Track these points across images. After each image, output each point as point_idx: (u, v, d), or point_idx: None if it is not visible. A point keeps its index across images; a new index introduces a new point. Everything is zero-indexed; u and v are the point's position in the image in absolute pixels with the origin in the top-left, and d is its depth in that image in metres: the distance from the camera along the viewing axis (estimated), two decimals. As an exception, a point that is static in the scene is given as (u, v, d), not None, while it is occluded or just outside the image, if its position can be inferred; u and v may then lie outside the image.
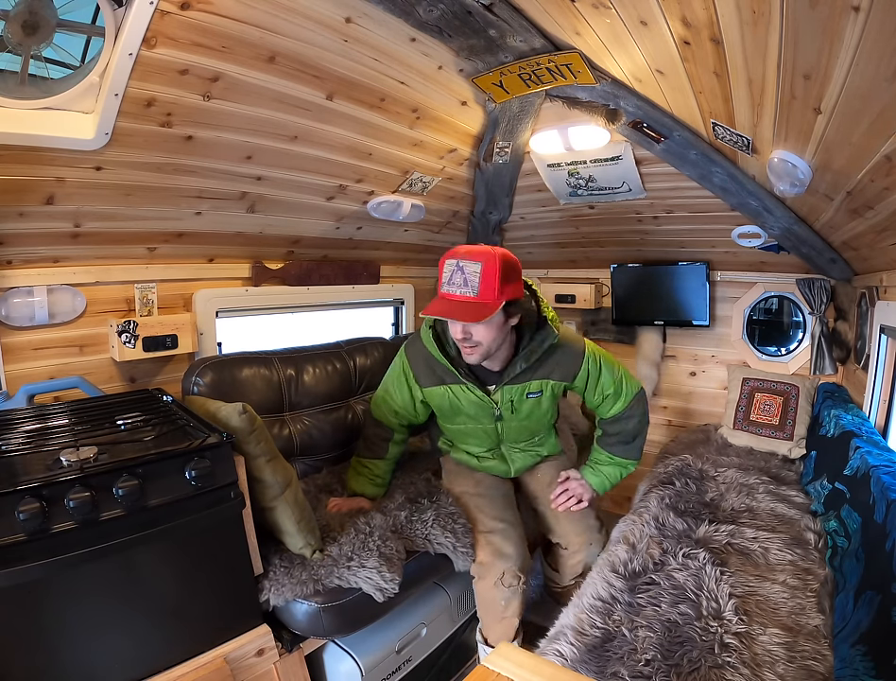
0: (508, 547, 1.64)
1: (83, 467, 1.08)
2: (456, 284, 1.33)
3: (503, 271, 1.33)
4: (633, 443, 1.77)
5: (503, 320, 1.43)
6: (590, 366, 1.68)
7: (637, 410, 1.74)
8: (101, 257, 1.77)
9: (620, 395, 1.72)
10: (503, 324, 1.44)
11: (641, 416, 1.76)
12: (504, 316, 1.42)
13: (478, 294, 1.32)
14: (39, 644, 1.04)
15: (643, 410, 1.76)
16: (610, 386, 1.71)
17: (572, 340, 1.69)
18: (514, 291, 1.39)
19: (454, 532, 1.61)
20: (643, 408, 1.76)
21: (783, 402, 2.44)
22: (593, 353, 1.69)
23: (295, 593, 1.33)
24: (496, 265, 1.32)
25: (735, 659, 1.07)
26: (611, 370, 1.71)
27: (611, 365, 1.72)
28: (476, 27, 1.51)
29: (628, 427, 1.75)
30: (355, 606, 1.38)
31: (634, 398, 1.73)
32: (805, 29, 0.94)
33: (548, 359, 1.62)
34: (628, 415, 1.74)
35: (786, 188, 1.66)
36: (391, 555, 1.45)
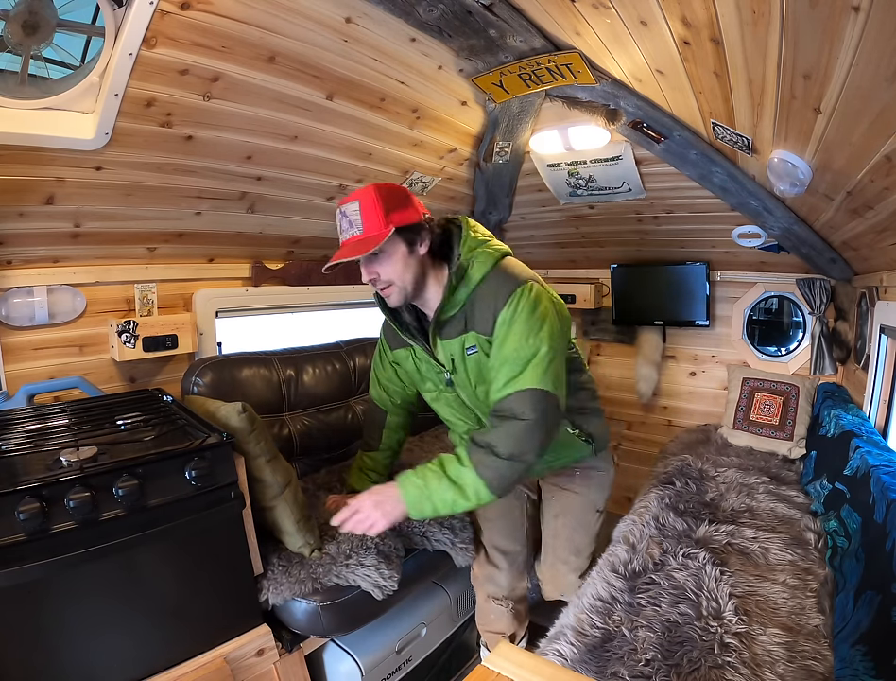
0: (501, 578, 1.65)
1: (83, 467, 1.08)
2: (344, 229, 1.27)
3: (383, 200, 1.23)
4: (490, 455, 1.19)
5: (406, 251, 1.26)
6: (510, 309, 1.24)
7: (523, 410, 1.20)
8: (101, 257, 1.77)
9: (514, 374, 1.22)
10: (408, 255, 1.27)
11: (528, 425, 1.19)
12: (405, 246, 1.26)
13: (363, 230, 1.23)
14: (39, 644, 1.04)
15: (535, 418, 1.19)
16: (514, 350, 1.22)
17: (509, 274, 1.30)
18: (405, 217, 1.24)
19: (451, 528, 1.62)
20: (535, 414, 1.19)
21: (783, 402, 2.44)
22: (527, 291, 1.25)
23: (294, 592, 1.33)
24: (374, 195, 1.23)
25: (735, 659, 1.07)
26: (531, 327, 1.22)
27: (538, 323, 1.23)
28: (476, 27, 1.51)
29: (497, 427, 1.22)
30: (354, 604, 1.38)
31: (527, 392, 1.20)
32: (805, 29, 0.94)
33: (478, 303, 1.30)
34: (503, 409, 1.23)
35: (786, 188, 1.66)
36: (390, 553, 1.45)
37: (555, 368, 1.24)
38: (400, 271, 1.27)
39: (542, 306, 1.26)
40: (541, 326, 1.24)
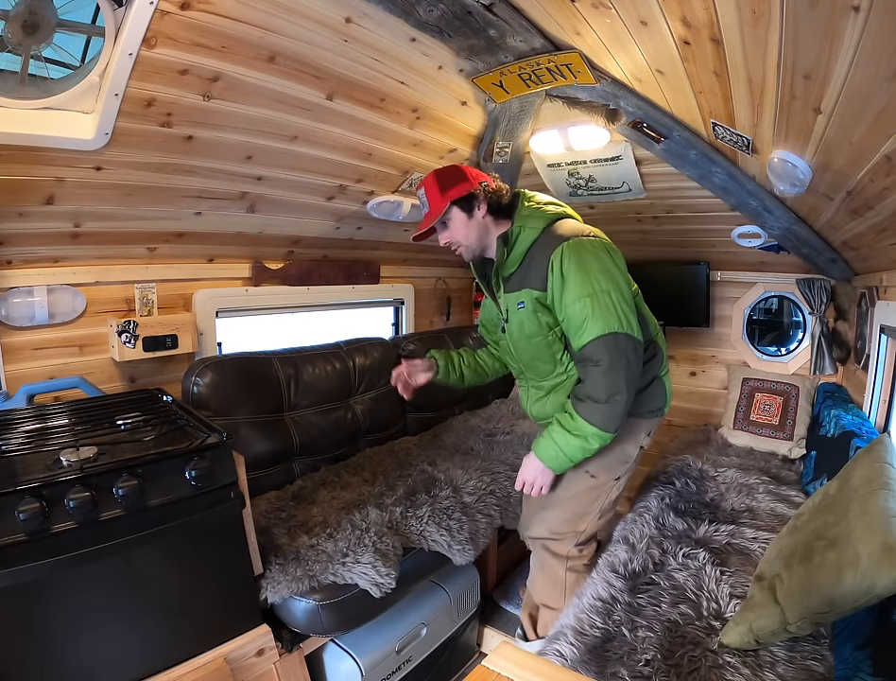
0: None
1: (83, 467, 1.08)
2: (422, 208, 1.53)
3: (439, 181, 1.49)
4: (591, 403, 1.37)
5: (465, 216, 1.49)
6: (555, 268, 1.41)
7: (599, 356, 1.36)
8: (101, 257, 1.76)
9: (580, 326, 1.38)
10: (468, 220, 1.50)
11: (607, 368, 1.35)
12: (464, 213, 1.49)
13: (430, 207, 1.50)
14: (39, 644, 1.04)
15: (609, 360, 1.34)
16: (571, 303, 1.39)
17: (556, 234, 1.46)
18: (459, 191, 1.47)
19: (448, 529, 1.62)
20: (610, 356, 1.35)
21: (783, 402, 2.44)
22: (568, 248, 1.40)
23: (291, 590, 1.33)
24: (432, 179, 1.50)
25: (736, 660, 1.08)
26: (582, 279, 1.37)
27: (586, 273, 1.37)
28: (476, 27, 1.51)
29: (586, 377, 1.41)
30: (353, 603, 1.38)
31: (598, 340, 1.35)
32: (805, 29, 0.94)
33: (533, 263, 1.48)
34: (584, 358, 1.40)
35: (786, 188, 1.66)
36: (387, 551, 1.45)
37: (616, 306, 1.37)
38: (464, 233, 1.51)
39: (589, 255, 1.40)
40: (588, 274, 1.38)
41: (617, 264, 1.45)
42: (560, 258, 1.41)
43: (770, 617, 1.05)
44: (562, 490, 1.60)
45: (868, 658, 0.91)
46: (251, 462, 1.44)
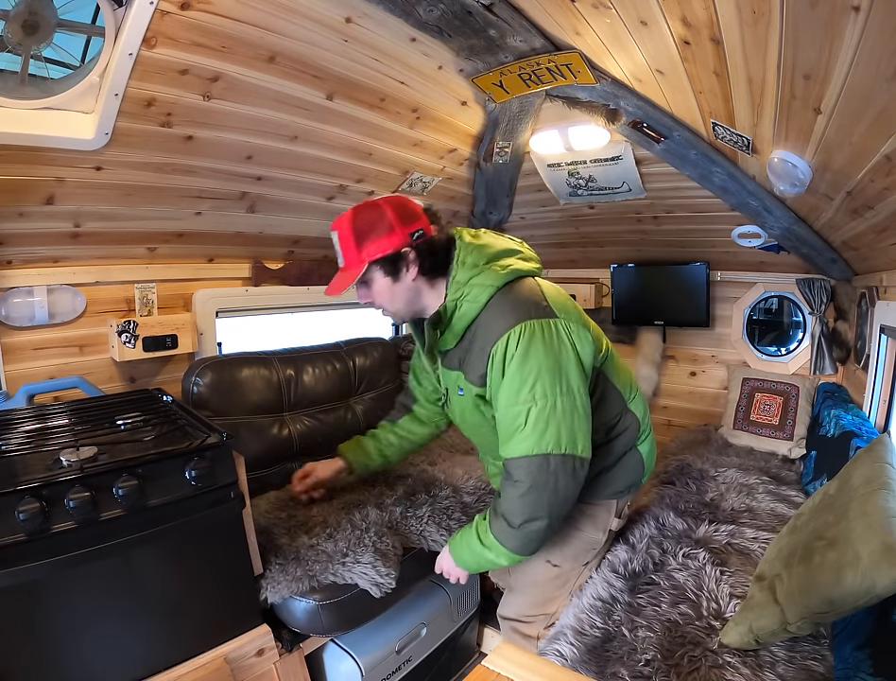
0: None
1: (83, 467, 1.08)
2: (337, 257, 1.21)
3: (356, 232, 1.15)
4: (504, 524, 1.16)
5: (390, 280, 1.18)
6: (495, 363, 1.14)
7: (520, 476, 1.14)
8: (101, 257, 1.76)
9: (509, 436, 1.15)
10: (392, 284, 1.18)
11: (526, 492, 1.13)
12: (388, 276, 1.18)
13: (345, 263, 1.19)
14: (39, 644, 1.04)
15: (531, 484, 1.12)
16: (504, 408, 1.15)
17: (505, 309, 1.16)
18: (380, 247, 1.14)
19: (448, 529, 1.61)
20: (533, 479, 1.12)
21: (783, 402, 2.44)
22: (514, 337, 1.11)
23: (291, 590, 1.33)
24: (347, 227, 1.16)
25: (736, 659, 1.07)
26: (520, 383, 1.11)
27: (528, 375, 1.10)
28: (476, 27, 1.51)
29: (504, 493, 1.18)
30: (353, 603, 1.38)
31: (523, 459, 1.13)
32: (805, 29, 0.94)
33: (476, 341, 1.20)
34: (506, 471, 1.18)
35: (786, 188, 1.66)
36: (387, 551, 1.45)
37: (559, 420, 1.11)
38: (388, 300, 1.22)
39: (538, 349, 1.11)
40: (531, 376, 1.10)
41: (578, 352, 1.16)
42: (504, 352, 1.12)
43: (770, 617, 1.05)
44: (524, 575, 1.44)
45: (868, 658, 0.91)
46: (251, 462, 1.44)
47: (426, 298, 1.24)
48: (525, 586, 1.46)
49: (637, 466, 1.40)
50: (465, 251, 1.21)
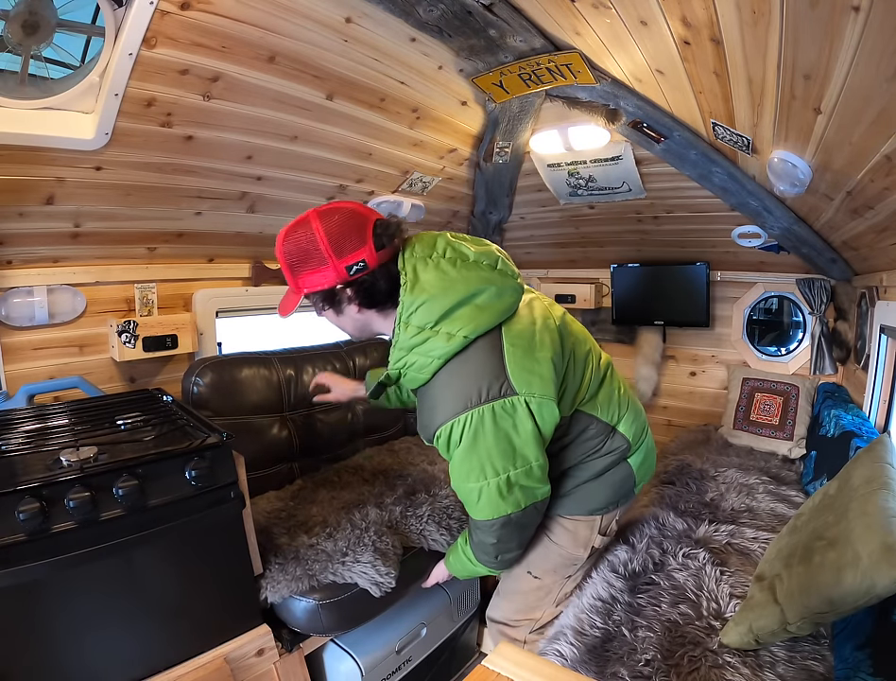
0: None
1: (83, 467, 1.08)
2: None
3: (287, 259, 1.03)
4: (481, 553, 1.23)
5: (332, 311, 1.10)
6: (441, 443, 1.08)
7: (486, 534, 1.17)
8: (101, 257, 1.76)
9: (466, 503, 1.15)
10: (336, 316, 1.11)
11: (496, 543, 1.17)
12: (329, 307, 1.09)
13: (289, 283, 1.09)
14: (39, 644, 1.04)
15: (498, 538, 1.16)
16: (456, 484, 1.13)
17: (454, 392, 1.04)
18: (314, 282, 1.03)
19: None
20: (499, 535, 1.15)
21: (783, 402, 2.44)
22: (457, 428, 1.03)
23: (291, 589, 1.33)
24: (280, 252, 1.04)
25: (736, 659, 1.07)
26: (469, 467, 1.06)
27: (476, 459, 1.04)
28: (476, 27, 1.51)
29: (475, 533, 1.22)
30: (353, 602, 1.38)
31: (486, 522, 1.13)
32: (805, 29, 0.94)
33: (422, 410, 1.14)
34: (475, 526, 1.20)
35: (786, 188, 1.66)
36: (387, 550, 1.45)
37: (515, 491, 1.08)
38: (337, 325, 1.15)
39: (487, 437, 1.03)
40: (482, 463, 1.04)
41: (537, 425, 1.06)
42: (448, 439, 1.05)
43: (770, 617, 1.05)
44: (507, 583, 1.46)
45: (868, 658, 0.91)
46: (251, 461, 1.44)
47: (377, 325, 1.14)
48: (508, 593, 1.46)
49: (625, 480, 1.32)
50: (407, 308, 1.04)
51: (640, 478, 1.35)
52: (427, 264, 1.06)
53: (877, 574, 0.84)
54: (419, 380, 1.08)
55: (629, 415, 1.32)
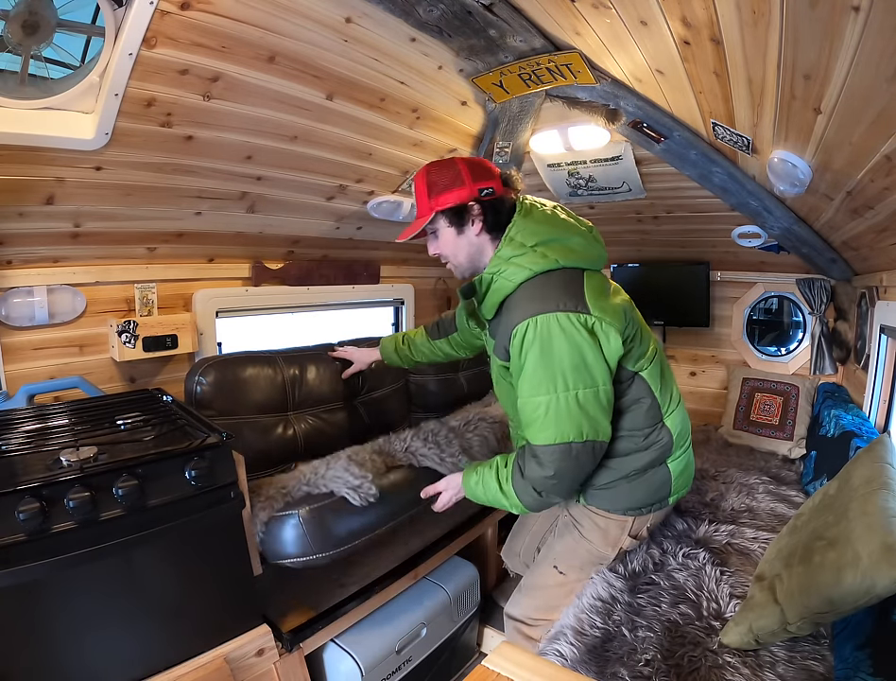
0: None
1: (83, 467, 1.08)
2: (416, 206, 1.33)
3: (427, 180, 1.24)
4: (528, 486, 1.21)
5: (454, 231, 1.25)
6: (515, 346, 1.17)
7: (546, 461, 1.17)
8: (101, 257, 1.77)
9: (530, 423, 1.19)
10: (456, 236, 1.26)
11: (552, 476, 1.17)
12: (453, 227, 1.25)
13: (417, 211, 1.29)
14: (39, 644, 1.03)
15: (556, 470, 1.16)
16: (525, 397, 1.18)
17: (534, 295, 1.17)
18: (449, 199, 1.22)
19: (437, 444, 1.59)
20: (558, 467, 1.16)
21: (783, 402, 2.44)
22: (534, 328, 1.13)
23: (268, 512, 1.32)
24: (422, 175, 1.26)
25: (736, 660, 1.08)
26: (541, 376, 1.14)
27: (548, 368, 1.12)
28: (476, 27, 1.51)
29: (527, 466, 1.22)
30: (335, 513, 1.35)
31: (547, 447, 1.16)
32: (805, 29, 0.94)
33: (502, 322, 1.25)
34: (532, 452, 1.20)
35: (786, 188, 1.66)
36: (363, 461, 1.43)
37: (582, 410, 1.14)
38: (451, 251, 1.29)
39: (558, 344, 1.12)
40: (550, 370, 1.12)
41: (602, 348, 1.15)
42: (522, 339, 1.15)
43: (770, 617, 1.05)
44: (531, 578, 1.49)
45: (868, 658, 0.91)
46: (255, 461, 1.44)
47: (486, 256, 1.28)
48: (531, 589, 1.46)
49: (662, 484, 1.33)
50: (517, 227, 1.23)
51: (676, 487, 1.36)
52: (539, 206, 1.29)
53: (877, 574, 0.84)
54: (506, 288, 1.22)
55: (678, 413, 1.36)
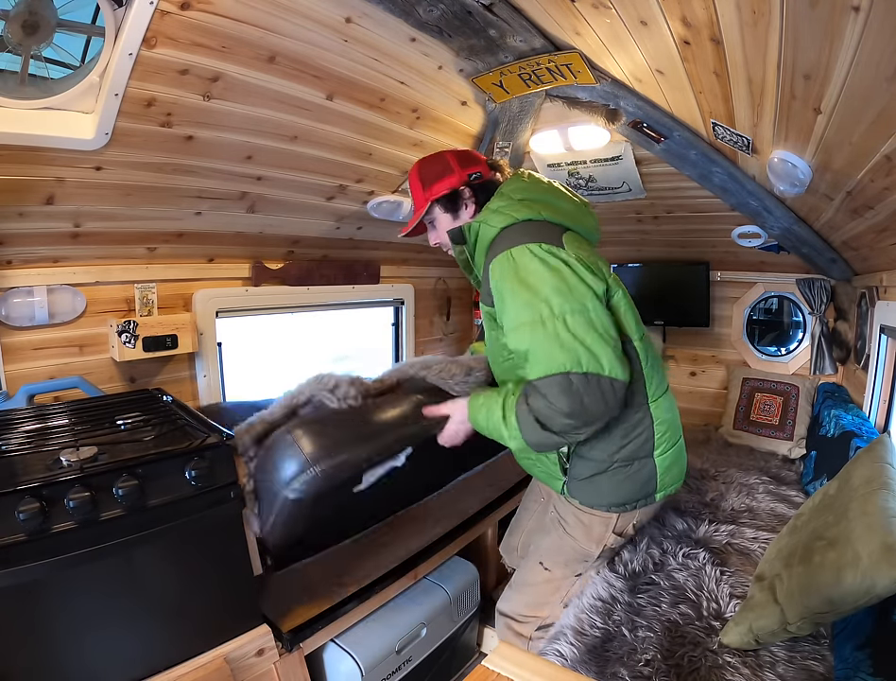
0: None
1: (83, 467, 1.08)
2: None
3: (420, 174, 1.33)
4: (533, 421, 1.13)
5: (450, 217, 1.33)
6: (492, 282, 1.18)
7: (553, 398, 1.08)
8: (101, 257, 1.77)
9: (523, 360, 1.14)
10: (453, 221, 1.33)
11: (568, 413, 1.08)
12: (449, 213, 1.33)
13: (415, 206, 1.36)
14: (38, 644, 1.03)
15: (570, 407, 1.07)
16: (510, 331, 1.16)
17: (511, 235, 1.18)
18: (441, 187, 1.30)
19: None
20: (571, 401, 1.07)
21: (783, 402, 2.44)
22: (507, 257, 1.14)
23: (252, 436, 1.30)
24: (415, 171, 1.34)
25: (736, 660, 1.08)
26: (521, 301, 1.11)
27: (527, 292, 1.10)
28: (476, 27, 1.51)
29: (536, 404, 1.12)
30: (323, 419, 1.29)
31: (543, 380, 1.09)
32: (805, 29, 0.94)
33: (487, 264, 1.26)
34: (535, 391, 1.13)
35: (786, 188, 1.66)
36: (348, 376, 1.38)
37: (573, 340, 1.06)
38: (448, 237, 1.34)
39: (535, 267, 1.10)
40: (530, 293, 1.09)
41: (585, 280, 1.11)
42: (500, 272, 1.15)
43: (770, 617, 1.05)
44: (520, 574, 1.48)
45: (868, 658, 0.91)
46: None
47: None
48: (520, 585, 1.47)
49: (648, 479, 1.26)
50: (509, 184, 1.30)
51: (663, 484, 1.28)
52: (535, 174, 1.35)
53: (877, 574, 0.84)
54: (490, 233, 1.24)
55: (665, 402, 1.28)
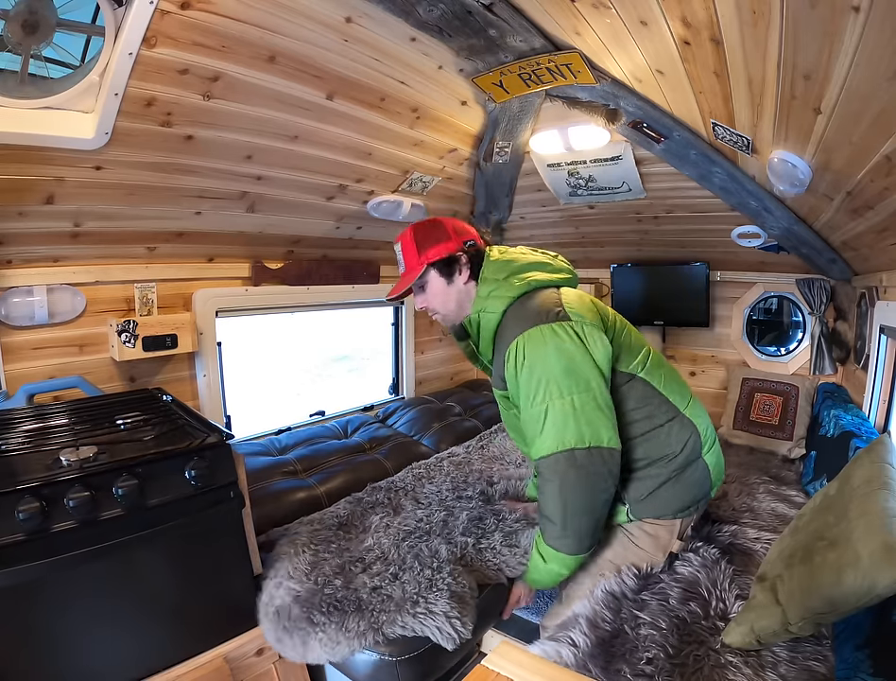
0: None
1: (83, 467, 1.08)
2: (398, 267, 1.40)
3: (416, 238, 1.34)
4: (549, 524, 1.22)
5: (444, 282, 1.34)
6: (509, 368, 1.24)
7: (550, 475, 1.19)
8: (101, 257, 1.76)
9: (533, 437, 1.22)
10: (447, 286, 1.34)
11: (559, 489, 1.18)
12: (443, 277, 1.34)
13: (405, 268, 1.37)
14: (38, 644, 1.03)
15: (561, 482, 1.18)
16: (524, 410, 1.23)
17: (519, 317, 1.26)
18: (439, 251, 1.32)
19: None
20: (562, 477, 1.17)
21: (782, 402, 2.44)
22: (522, 343, 1.20)
23: (353, 647, 1.16)
24: (409, 235, 1.36)
25: (738, 659, 1.07)
26: (535, 385, 1.19)
27: (541, 376, 1.18)
28: (476, 27, 1.51)
29: (542, 493, 1.23)
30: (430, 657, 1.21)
31: (549, 458, 1.18)
32: (805, 29, 0.94)
33: (497, 354, 1.33)
34: (539, 472, 1.23)
35: (786, 188, 1.66)
36: (463, 593, 1.25)
37: (579, 418, 1.16)
38: (441, 301, 1.37)
39: (547, 351, 1.18)
40: (543, 377, 1.18)
41: (591, 353, 1.20)
42: (515, 358, 1.22)
43: (772, 617, 1.05)
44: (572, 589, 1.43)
45: (868, 658, 0.91)
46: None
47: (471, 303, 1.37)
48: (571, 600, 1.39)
49: (702, 481, 1.35)
50: (488, 267, 1.34)
51: (715, 478, 1.38)
52: (501, 250, 1.41)
53: (878, 574, 0.84)
54: (493, 320, 1.31)
55: (696, 407, 1.40)
